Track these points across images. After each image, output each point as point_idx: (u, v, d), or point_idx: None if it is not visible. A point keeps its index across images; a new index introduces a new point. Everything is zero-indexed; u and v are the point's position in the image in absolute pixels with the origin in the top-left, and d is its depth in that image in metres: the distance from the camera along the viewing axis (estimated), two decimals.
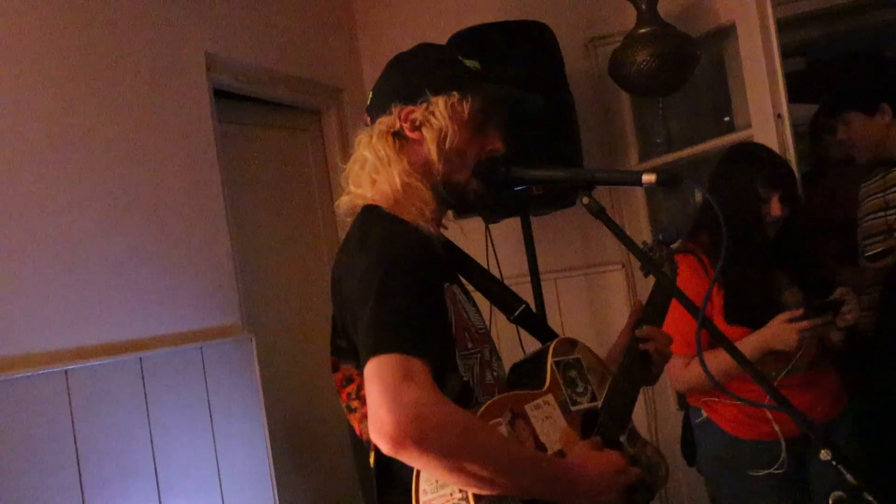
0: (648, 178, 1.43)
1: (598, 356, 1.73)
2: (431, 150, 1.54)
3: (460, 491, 1.36)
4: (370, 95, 1.65)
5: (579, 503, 1.44)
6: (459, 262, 1.76)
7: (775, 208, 2.45)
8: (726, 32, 3.20)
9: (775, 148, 2.76)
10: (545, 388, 1.57)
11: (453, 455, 1.29)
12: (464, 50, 3.15)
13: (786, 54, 3.00)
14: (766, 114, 2.92)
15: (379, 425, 1.26)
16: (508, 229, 3.36)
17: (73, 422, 2.35)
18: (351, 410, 1.55)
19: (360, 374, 1.39)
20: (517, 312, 1.78)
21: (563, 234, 3.65)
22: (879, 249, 2.97)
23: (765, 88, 2.93)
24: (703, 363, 1.43)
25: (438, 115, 1.54)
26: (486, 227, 3.28)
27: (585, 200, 1.52)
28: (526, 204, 3.08)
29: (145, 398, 2.56)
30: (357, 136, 1.64)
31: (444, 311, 1.46)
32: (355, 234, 1.53)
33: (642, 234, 3.53)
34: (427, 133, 1.55)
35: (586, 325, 3.65)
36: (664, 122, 3.57)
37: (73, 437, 2.34)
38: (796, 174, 2.67)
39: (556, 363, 1.61)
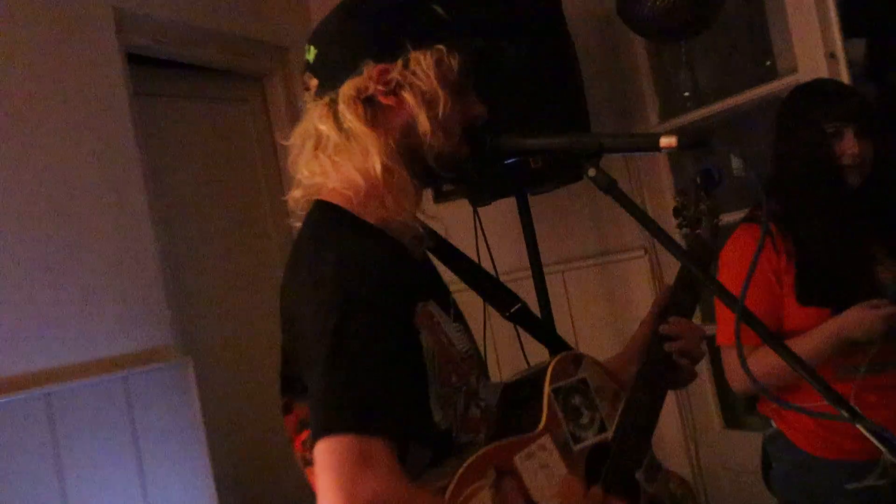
0: (668, 141, 1.40)
1: (608, 370, 1.70)
2: (419, 117, 1.50)
3: None
4: (312, 50, 1.58)
5: None
6: (444, 258, 1.76)
7: (850, 144, 2.39)
8: None
9: None
10: (540, 428, 1.54)
11: None
12: None
13: None
14: (815, 54, 2.91)
15: None
16: (502, 213, 3.37)
17: None
18: (307, 463, 1.50)
19: None
20: (512, 310, 1.79)
21: (570, 217, 3.64)
22: None
23: (813, 22, 2.91)
24: (744, 366, 1.40)
25: (422, 75, 1.51)
26: (475, 212, 3.29)
27: (592, 172, 1.49)
28: (522, 180, 3.04)
29: (54, 443, 2.55)
30: (305, 108, 1.58)
31: (410, 357, 1.44)
32: (307, 252, 1.49)
33: (667, 212, 3.43)
34: (408, 97, 1.51)
35: (603, 326, 3.64)
36: (689, 72, 3.53)
37: None
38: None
39: (555, 391, 1.59)
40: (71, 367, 2.66)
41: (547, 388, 1.58)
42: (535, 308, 3.04)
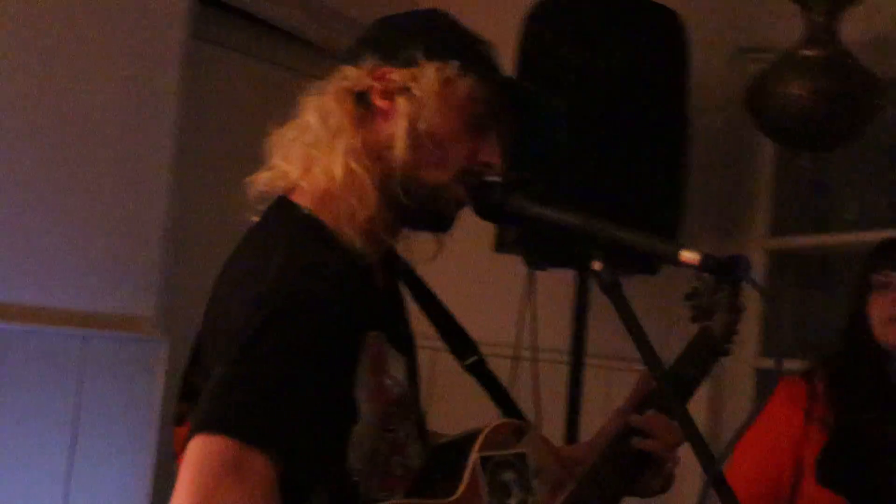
0: (690, 256, 1.38)
1: (559, 453, 1.67)
2: (400, 126, 1.48)
3: None
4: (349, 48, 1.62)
5: None
6: (408, 282, 1.74)
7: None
8: None
9: None
10: (456, 496, 1.48)
11: None
12: (549, 22, 3.01)
13: None
14: None
15: None
16: (558, 283, 3.23)
17: None
18: None
19: None
20: (469, 361, 1.76)
21: (638, 312, 3.39)
22: None
23: None
24: None
25: (424, 84, 1.49)
26: (529, 274, 3.19)
27: (597, 266, 1.44)
28: (588, 255, 2.87)
29: None
30: (304, 95, 1.57)
31: (342, 384, 1.40)
32: (255, 245, 1.51)
33: (748, 340, 3.31)
34: (402, 103, 1.49)
35: None
36: (811, 189, 3.45)
37: None
38: None
39: (484, 460, 1.52)
40: (21, 308, 2.58)
41: (474, 455, 1.52)
42: (563, 396, 3.10)
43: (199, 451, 1.24)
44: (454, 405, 2.54)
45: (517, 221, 1.61)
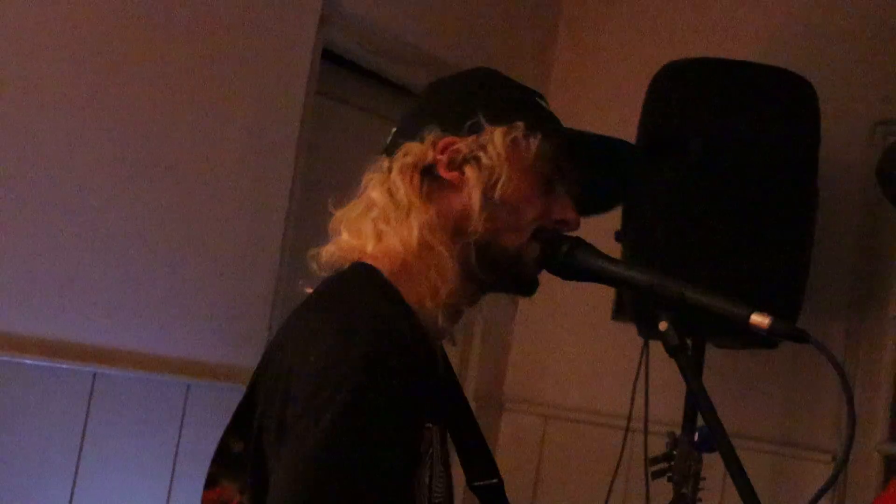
0: (760, 319, 1.36)
1: None
2: (474, 196, 1.45)
3: None
4: (391, 132, 1.59)
5: None
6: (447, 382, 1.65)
7: None
8: None
9: None
10: None
11: None
12: (673, 87, 3.01)
13: None
14: None
15: None
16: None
17: None
18: None
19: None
20: (482, 483, 1.64)
21: (756, 386, 3.42)
22: None
23: None
24: None
25: (492, 151, 1.46)
26: (645, 343, 3.11)
27: (663, 326, 1.42)
28: (702, 325, 2.81)
29: (85, 422, 2.51)
30: (365, 175, 1.55)
31: (407, 474, 1.34)
32: (333, 301, 1.42)
33: (876, 424, 3.22)
34: (471, 174, 1.46)
35: None
36: None
37: None
38: None
39: None
40: (130, 354, 2.62)
41: None
42: None
43: None
44: None
45: (586, 277, 1.52)
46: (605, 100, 3.71)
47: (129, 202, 2.64)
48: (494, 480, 1.66)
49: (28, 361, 2.35)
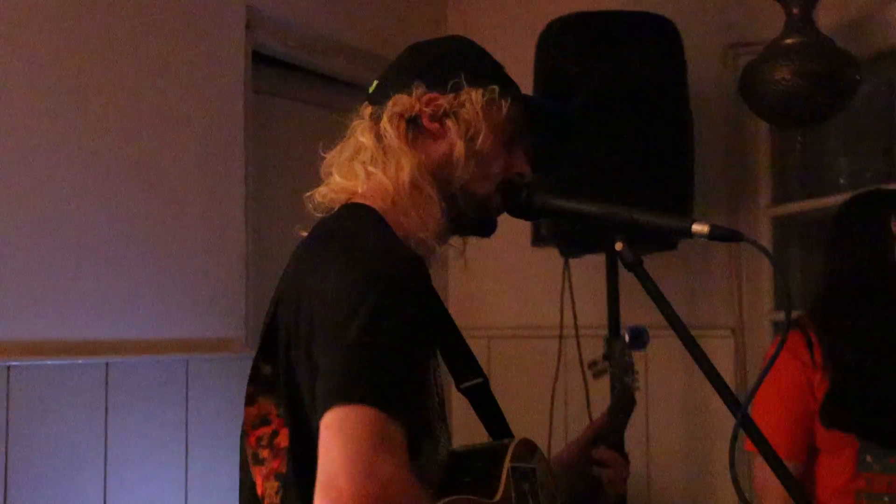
0: (700, 228, 1.41)
1: (551, 469, 1.69)
2: (457, 146, 1.48)
3: None
4: (374, 84, 1.59)
5: None
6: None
7: None
8: None
9: None
10: (497, 498, 1.48)
11: None
12: (556, 41, 3.09)
13: None
14: None
15: (334, 492, 1.12)
16: (591, 267, 3.28)
17: (7, 427, 2.30)
18: (257, 461, 1.42)
19: (280, 417, 1.36)
20: (469, 383, 1.69)
21: (662, 283, 3.42)
22: None
23: None
24: (734, 480, 1.38)
25: (470, 109, 1.50)
26: (565, 263, 3.28)
27: (619, 247, 1.49)
28: (611, 238, 2.93)
29: (105, 411, 2.51)
30: (352, 122, 1.56)
31: (427, 367, 1.40)
32: (337, 232, 1.42)
33: (762, 297, 3.42)
34: (452, 126, 1.49)
35: (676, 400, 3.52)
36: (803, 161, 3.52)
37: (4, 443, 2.31)
38: None
39: (513, 470, 1.53)
40: (137, 342, 2.62)
41: (507, 464, 1.52)
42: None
43: (347, 422, 1.17)
44: None
45: (546, 215, 1.60)
46: (497, 58, 3.80)
47: (111, 211, 2.60)
48: (480, 380, 1.69)
49: (49, 362, 2.35)
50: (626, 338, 1.90)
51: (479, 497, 1.45)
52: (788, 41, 2.98)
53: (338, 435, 1.15)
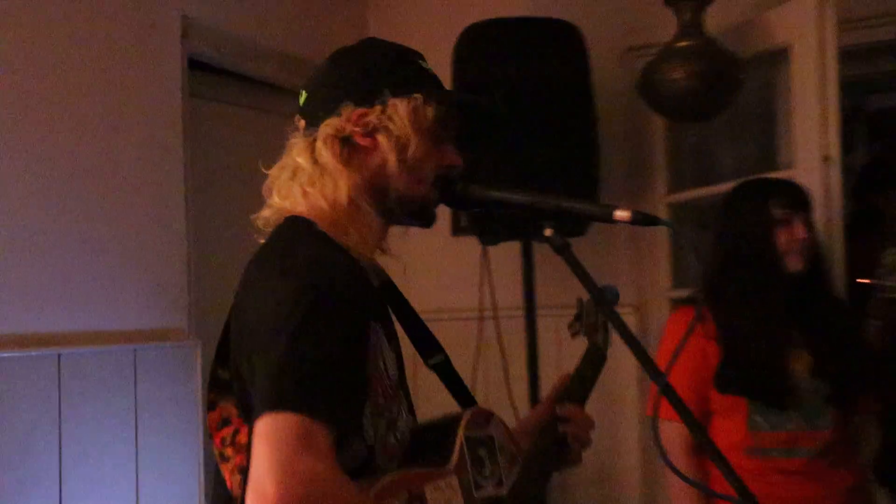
0: (622, 214, 1.43)
1: (511, 433, 1.70)
2: (389, 159, 1.48)
3: None
4: (303, 95, 1.58)
5: None
6: (387, 296, 1.70)
7: (800, 231, 2.38)
8: (780, 57, 3.14)
9: (819, 195, 2.67)
10: (450, 467, 1.52)
11: None
12: (473, 47, 3.13)
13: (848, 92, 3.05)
14: (811, 154, 2.84)
15: (261, 494, 1.18)
16: (507, 254, 3.33)
17: None
18: (223, 459, 1.44)
19: (240, 417, 1.38)
20: (434, 361, 1.74)
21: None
22: None
23: (814, 125, 2.84)
24: (656, 435, 1.45)
25: (398, 120, 1.49)
26: (483, 250, 3.31)
27: (548, 232, 1.48)
28: (528, 227, 2.87)
29: (59, 400, 2.49)
30: (288, 140, 1.55)
31: (361, 364, 1.40)
32: (275, 247, 1.45)
33: (661, 277, 3.51)
34: (383, 140, 1.49)
35: None
36: (695, 152, 3.57)
37: None
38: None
39: (467, 439, 1.57)
40: (86, 334, 2.60)
41: (461, 433, 1.55)
42: (523, 342, 3.18)
43: (272, 429, 1.22)
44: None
45: (479, 205, 1.60)
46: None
47: (60, 210, 2.56)
48: (442, 357, 1.73)
49: (3, 355, 2.29)
50: (593, 297, 1.89)
51: (433, 468, 1.48)
52: (680, 44, 3.07)
53: (264, 441, 1.20)
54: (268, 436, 1.20)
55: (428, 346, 1.74)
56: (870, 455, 2.62)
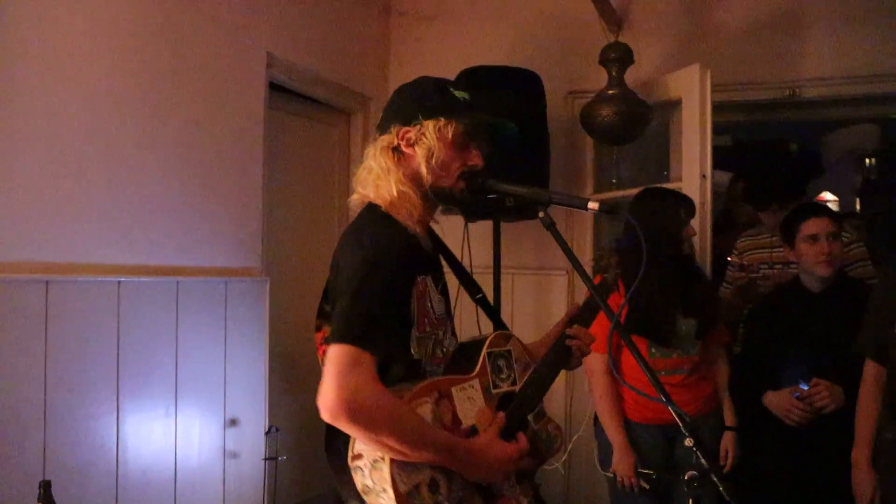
0: (594, 205, 1.42)
1: (527, 348, 1.69)
2: (421, 164, 1.50)
3: None
4: (381, 117, 1.61)
5: (476, 475, 1.46)
6: (442, 252, 1.73)
7: (691, 229, 2.46)
8: (674, 105, 3.17)
9: (696, 201, 2.69)
10: (474, 373, 1.52)
11: (375, 431, 1.30)
12: (467, 84, 3.11)
13: (716, 131, 3.00)
14: (694, 173, 2.90)
15: (322, 398, 1.27)
16: (483, 229, 3.34)
17: (118, 326, 2.32)
18: (324, 364, 1.45)
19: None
20: (478, 296, 1.76)
21: (524, 240, 3.60)
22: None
23: (696, 153, 2.89)
24: (611, 359, 1.58)
25: (428, 136, 1.50)
26: (465, 224, 3.27)
27: (541, 214, 1.49)
28: (499, 211, 3.09)
29: (176, 316, 2.52)
30: (367, 147, 1.60)
31: (405, 309, 1.43)
32: (358, 226, 1.50)
33: (586, 248, 3.53)
34: (418, 150, 1.50)
35: (530, 315, 3.62)
36: (617, 166, 3.53)
37: (116, 339, 2.31)
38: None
39: (489, 354, 1.56)
40: (194, 268, 2.63)
41: (484, 350, 1.56)
42: (492, 294, 3.09)
43: (334, 353, 1.27)
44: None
45: (494, 194, 1.54)
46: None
47: (180, 185, 2.54)
48: (481, 294, 1.76)
49: (80, 280, 2.19)
50: (612, 243, 1.72)
51: (461, 374, 1.50)
52: (609, 92, 3.11)
53: (329, 362, 1.27)
54: (331, 359, 1.28)
55: (471, 287, 1.75)
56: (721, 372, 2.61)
